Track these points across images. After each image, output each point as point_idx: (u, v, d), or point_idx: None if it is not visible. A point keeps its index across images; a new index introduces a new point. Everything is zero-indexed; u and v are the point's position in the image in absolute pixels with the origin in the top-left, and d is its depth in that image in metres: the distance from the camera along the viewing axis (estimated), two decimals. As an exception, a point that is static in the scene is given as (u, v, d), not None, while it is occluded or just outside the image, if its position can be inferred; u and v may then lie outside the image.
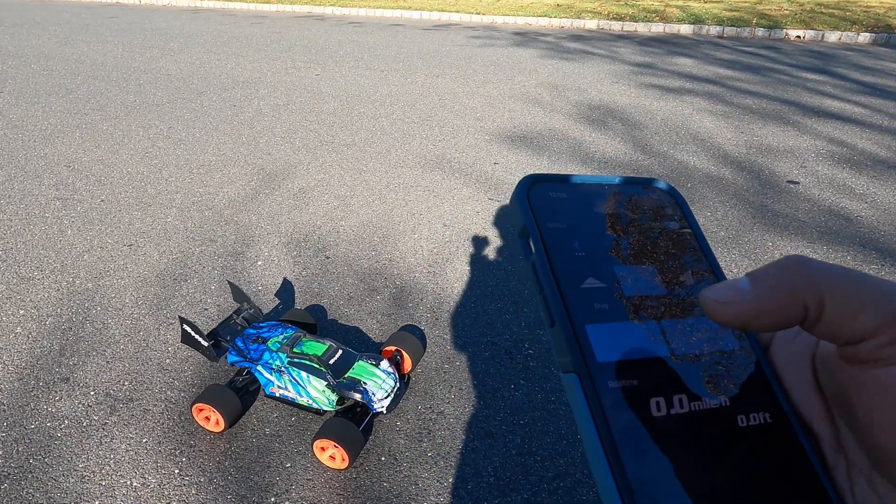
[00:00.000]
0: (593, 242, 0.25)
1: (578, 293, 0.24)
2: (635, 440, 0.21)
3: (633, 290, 0.25)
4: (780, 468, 0.22)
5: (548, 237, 0.25)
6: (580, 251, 0.25)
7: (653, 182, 0.29)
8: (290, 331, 1.83)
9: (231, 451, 1.67)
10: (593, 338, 0.23)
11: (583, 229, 0.26)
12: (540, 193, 0.26)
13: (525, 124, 4.23)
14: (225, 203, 3.07)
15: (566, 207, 0.26)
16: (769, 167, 3.54)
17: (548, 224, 0.25)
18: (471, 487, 1.58)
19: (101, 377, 1.93)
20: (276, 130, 4.05)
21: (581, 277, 0.24)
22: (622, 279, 0.25)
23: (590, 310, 0.24)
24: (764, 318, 0.20)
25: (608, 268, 0.25)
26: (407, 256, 2.62)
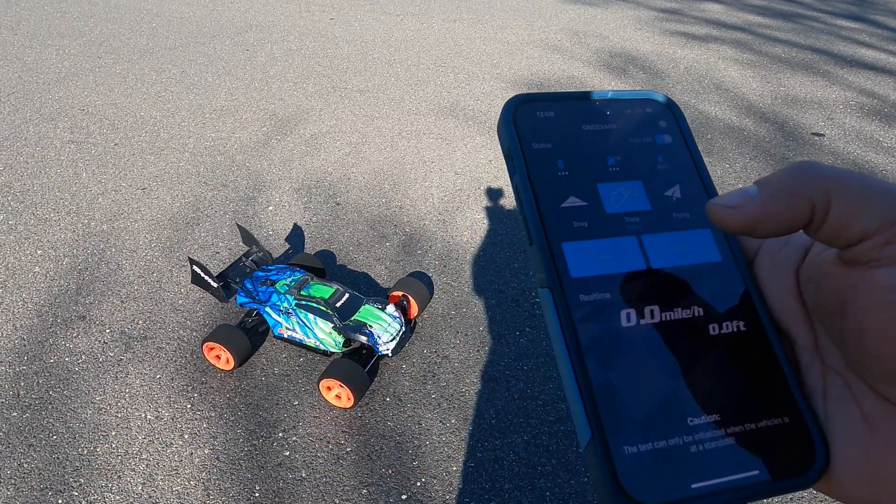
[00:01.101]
0: (578, 161, 0.25)
1: (558, 212, 0.24)
2: (603, 350, 0.22)
3: (615, 207, 0.25)
4: (749, 375, 0.22)
5: (531, 158, 0.25)
6: (564, 170, 0.25)
7: (648, 94, 0.28)
8: (299, 274, 1.85)
9: (241, 389, 1.73)
10: (569, 255, 0.23)
11: (569, 148, 0.25)
12: (527, 114, 0.26)
13: (543, 72, 4.12)
14: (237, 148, 3.06)
15: (553, 127, 0.26)
16: (794, 119, 3.42)
17: (532, 145, 0.25)
18: (472, 429, 1.61)
19: (116, 316, 1.98)
20: (288, 76, 3.99)
21: (562, 197, 0.24)
22: (605, 197, 0.25)
23: (568, 228, 0.24)
24: (772, 220, 0.20)
25: (591, 186, 0.25)
26: (417, 204, 2.61)
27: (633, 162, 0.26)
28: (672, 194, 0.26)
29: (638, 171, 0.26)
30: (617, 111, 0.27)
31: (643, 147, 0.26)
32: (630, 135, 0.27)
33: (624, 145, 0.26)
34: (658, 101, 0.28)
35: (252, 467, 1.51)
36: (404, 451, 1.55)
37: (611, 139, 0.26)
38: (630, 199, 0.25)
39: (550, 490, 1.46)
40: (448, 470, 1.51)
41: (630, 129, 0.27)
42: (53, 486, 1.46)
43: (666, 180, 0.26)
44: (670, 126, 0.27)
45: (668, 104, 0.28)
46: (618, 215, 0.25)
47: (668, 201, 0.25)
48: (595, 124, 0.26)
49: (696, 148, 0.27)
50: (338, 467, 1.51)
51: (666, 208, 0.25)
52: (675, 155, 0.27)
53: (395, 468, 1.51)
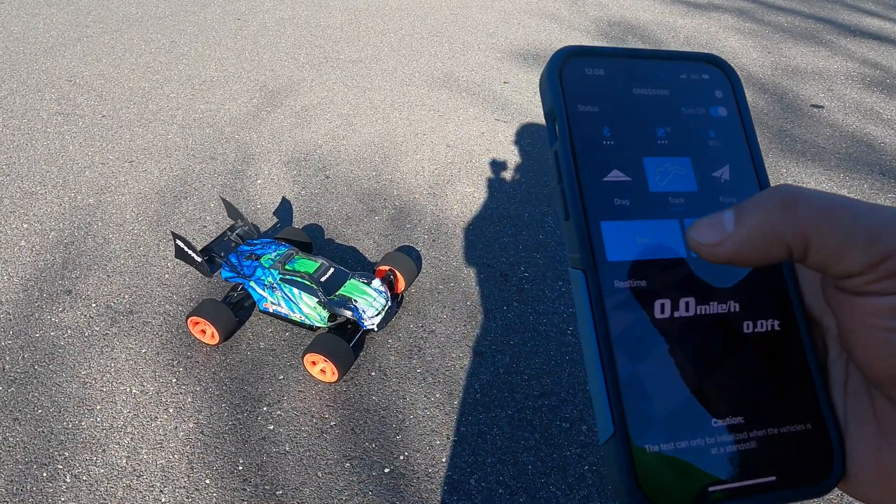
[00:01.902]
0: (626, 129, 0.23)
1: (600, 187, 0.22)
2: (633, 341, 0.21)
3: (660, 185, 0.23)
4: (778, 377, 0.22)
5: (575, 122, 0.23)
6: (609, 139, 0.23)
7: (708, 58, 0.25)
8: (283, 248, 1.84)
9: (226, 363, 1.72)
10: (607, 235, 0.22)
11: (617, 113, 0.23)
12: (574, 70, 0.23)
13: (539, 41, 4.04)
14: (226, 120, 3.02)
15: (602, 87, 0.24)
16: (794, 90, 3.36)
17: (578, 107, 0.23)
18: (457, 403, 1.61)
19: (102, 290, 1.97)
20: (280, 46, 3.92)
21: (605, 169, 0.23)
22: (650, 173, 0.23)
23: (609, 205, 0.22)
24: (748, 260, 0.20)
25: (637, 159, 0.23)
26: (408, 177, 2.58)
27: (683, 135, 0.24)
28: (720, 175, 0.24)
29: (687, 146, 0.24)
30: (672, 74, 0.25)
31: (696, 119, 0.24)
32: (683, 104, 0.24)
33: (675, 115, 0.24)
34: (717, 68, 0.25)
35: (236, 441, 1.52)
36: (388, 424, 1.56)
37: (662, 107, 0.24)
38: (676, 177, 0.23)
39: (533, 464, 1.47)
40: (431, 444, 1.51)
41: (684, 97, 0.24)
42: (38, 460, 1.47)
43: (716, 159, 0.24)
44: (727, 97, 0.25)
45: (728, 72, 0.25)
46: (662, 195, 0.23)
47: (716, 183, 0.24)
48: (647, 88, 0.24)
49: (752, 124, 0.25)
50: (321, 441, 1.52)
51: (713, 190, 0.24)
52: (729, 131, 0.25)
53: (378, 442, 1.51)
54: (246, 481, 1.43)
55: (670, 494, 0.20)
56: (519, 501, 1.39)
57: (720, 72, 0.25)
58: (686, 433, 0.21)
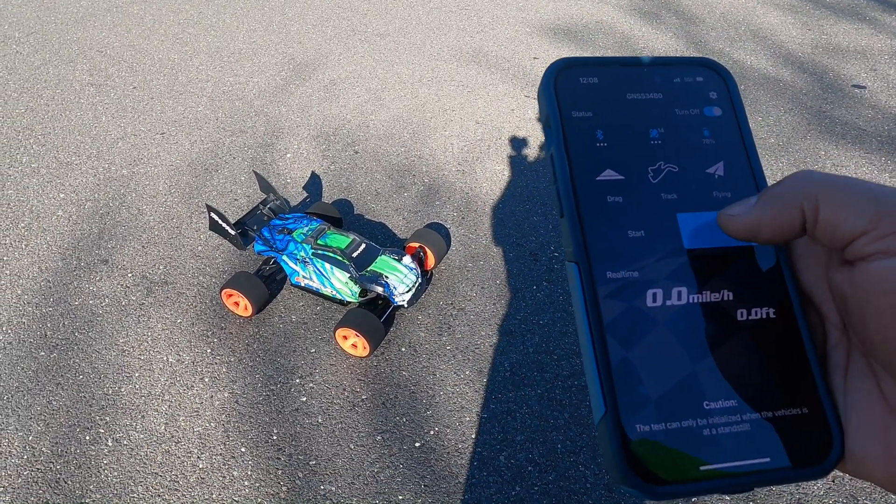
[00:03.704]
0: (619, 132, 0.24)
1: (593, 185, 0.24)
2: (625, 329, 0.22)
3: (653, 182, 0.24)
4: (773, 362, 0.22)
5: (570, 127, 0.24)
6: (603, 141, 0.24)
7: (702, 62, 0.26)
8: (315, 223, 1.85)
9: (259, 335, 1.75)
10: (600, 229, 0.23)
11: (610, 118, 0.25)
12: (569, 79, 0.25)
13: (570, 15, 3.95)
14: (255, 93, 3.02)
15: (596, 94, 0.25)
16: (834, 69, 3.25)
17: (572, 113, 0.24)
18: (486, 381, 1.63)
19: (138, 260, 2.01)
20: (307, 18, 3.89)
21: (598, 169, 0.24)
22: (643, 172, 0.24)
23: (601, 203, 0.23)
24: (767, 226, 0.22)
25: (630, 159, 0.24)
26: (437, 153, 2.57)
27: (676, 135, 0.25)
28: (714, 172, 0.25)
29: (681, 145, 0.25)
30: (665, 79, 0.26)
31: (689, 120, 0.25)
32: (676, 105, 0.25)
33: (669, 117, 0.25)
34: (711, 70, 0.26)
35: (270, 411, 1.55)
36: (418, 400, 1.58)
37: (656, 109, 0.25)
38: (669, 175, 0.24)
39: (562, 443, 1.48)
40: (461, 420, 1.53)
41: (677, 99, 0.25)
42: (81, 424, 1.52)
43: (709, 157, 0.25)
44: (721, 98, 0.26)
45: (721, 73, 0.26)
46: (655, 192, 0.24)
47: (710, 179, 0.25)
48: (640, 93, 0.25)
49: (747, 122, 0.26)
50: (353, 414, 1.54)
51: (706, 187, 0.24)
52: (723, 130, 0.25)
53: (409, 416, 1.54)
54: (280, 451, 1.47)
55: (662, 473, 0.20)
56: (548, 479, 1.40)
57: (714, 74, 0.26)
58: (678, 414, 0.21)
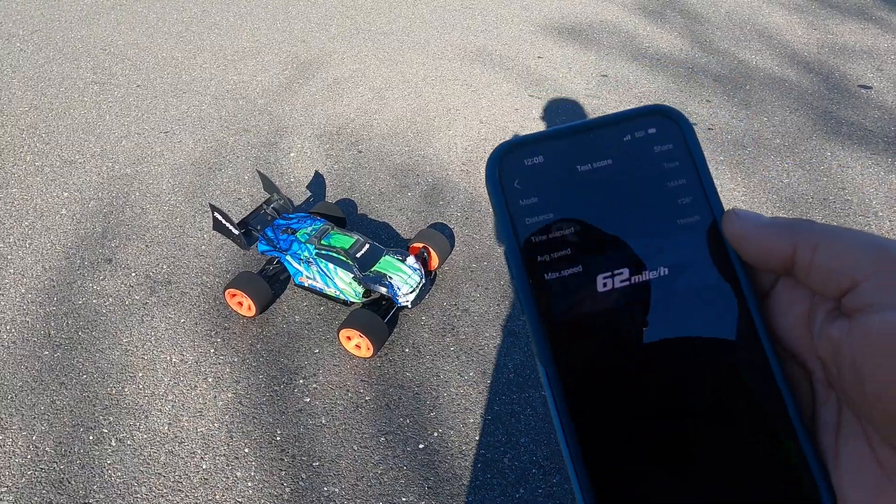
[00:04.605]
0: (571, 214, 0.23)
1: (550, 283, 0.23)
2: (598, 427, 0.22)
3: (611, 268, 0.23)
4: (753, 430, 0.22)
5: (518, 219, 0.23)
6: (556, 229, 0.23)
7: (651, 111, 0.24)
8: (319, 223, 1.84)
9: (263, 335, 1.75)
10: (563, 331, 0.22)
11: (560, 200, 0.23)
12: (513, 164, 0.24)
13: (575, 14, 3.93)
14: (259, 92, 3.01)
15: (542, 174, 0.23)
16: (840, 69, 3.24)
17: (520, 202, 0.23)
18: (490, 382, 1.62)
19: (142, 259, 2.01)
20: (311, 16, 3.88)
21: (554, 264, 0.23)
22: (600, 258, 0.23)
23: (561, 301, 0.23)
24: (756, 245, 0.22)
25: (586, 243, 0.23)
26: (441, 153, 2.56)
27: (634, 203, 0.23)
28: (677, 238, 0.23)
29: (639, 212, 0.23)
30: (615, 140, 0.24)
31: (645, 180, 0.24)
32: (628, 167, 0.24)
33: (622, 181, 0.24)
34: (663, 117, 0.24)
35: (273, 412, 1.55)
36: (422, 401, 1.57)
37: (608, 178, 0.24)
38: (629, 252, 0.23)
39: (566, 445, 1.47)
40: (465, 421, 1.52)
41: (628, 160, 0.24)
42: (84, 423, 1.52)
43: (670, 218, 0.23)
44: (677, 147, 0.24)
45: (675, 118, 0.24)
46: (613, 280, 0.23)
47: (673, 248, 0.23)
48: (590, 162, 0.24)
49: (707, 172, 0.24)
50: (357, 415, 1.54)
51: (669, 257, 0.23)
52: (681, 180, 0.24)
53: (412, 418, 1.53)
54: (283, 451, 1.46)
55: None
56: (552, 482, 1.40)
57: (667, 120, 0.24)
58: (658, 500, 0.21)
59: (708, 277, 0.23)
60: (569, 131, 0.24)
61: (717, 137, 2.66)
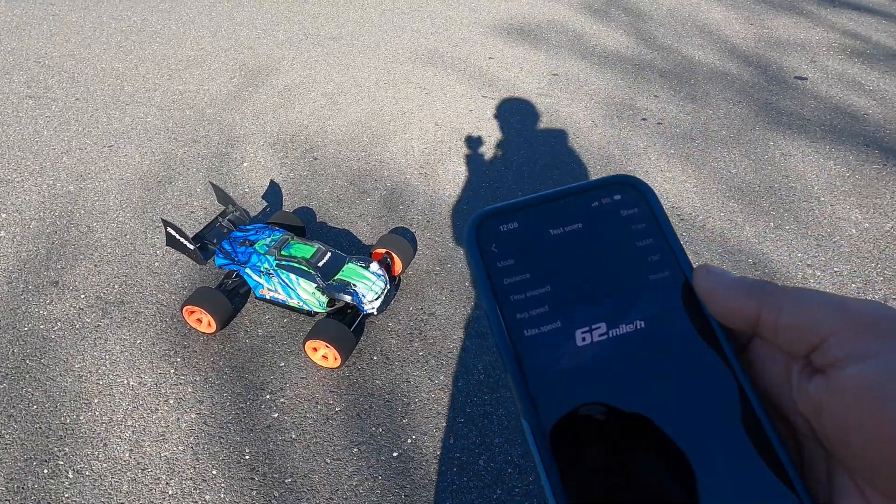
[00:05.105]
0: (547, 275, 0.24)
1: (531, 340, 0.23)
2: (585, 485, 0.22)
3: (589, 324, 0.24)
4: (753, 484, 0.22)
5: (497, 280, 0.24)
6: (533, 289, 0.24)
7: (616, 180, 0.26)
8: (278, 233, 1.80)
9: (225, 352, 1.70)
10: (545, 388, 0.23)
11: (536, 262, 0.24)
12: (490, 230, 0.25)
13: (522, 15, 3.98)
14: (207, 101, 2.93)
15: (517, 238, 0.25)
16: (777, 62, 3.38)
17: (498, 264, 0.24)
18: (461, 384, 1.62)
19: (91, 280, 1.92)
20: (257, 22, 3.80)
21: (534, 322, 0.23)
22: (578, 316, 0.24)
23: (543, 358, 0.23)
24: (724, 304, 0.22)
25: (563, 303, 0.24)
26: (398, 157, 2.55)
27: (605, 261, 0.25)
28: (650, 293, 0.24)
29: (612, 270, 0.24)
30: (583, 206, 0.25)
31: (614, 240, 0.25)
32: (597, 230, 0.25)
33: (593, 242, 0.25)
34: (628, 185, 0.26)
35: (241, 430, 1.50)
36: (394, 409, 1.55)
37: (579, 240, 0.25)
38: (605, 307, 0.24)
39: (540, 442, 1.48)
40: (438, 426, 1.51)
41: (597, 224, 0.25)
42: (38, 457, 1.44)
43: (641, 274, 0.24)
44: (642, 212, 0.26)
45: (639, 187, 0.26)
46: (591, 334, 0.23)
47: (648, 302, 0.24)
48: (561, 226, 0.25)
49: (673, 234, 0.25)
50: (328, 427, 1.51)
51: (644, 311, 0.24)
52: (649, 241, 0.25)
53: (385, 426, 1.51)
54: (254, 470, 1.42)
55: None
56: (528, 480, 1.40)
57: (631, 188, 0.26)
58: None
59: (685, 329, 0.24)
60: (540, 200, 0.25)
61: (667, 131, 2.74)
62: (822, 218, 2.22)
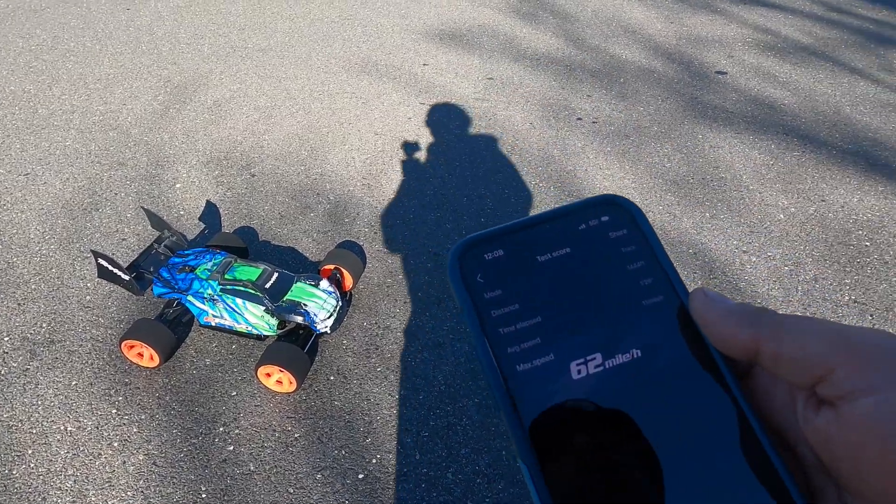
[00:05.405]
0: (537, 304, 0.23)
1: (523, 375, 0.22)
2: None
3: (583, 357, 0.22)
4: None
5: (485, 312, 0.23)
6: (523, 319, 0.23)
7: (602, 201, 0.25)
8: (220, 256, 1.73)
9: (171, 386, 1.61)
10: (541, 426, 0.21)
11: (524, 291, 0.23)
12: (474, 259, 0.24)
13: (453, 20, 4.00)
14: (131, 121, 2.78)
15: (503, 267, 0.24)
16: (699, 58, 3.53)
17: (485, 295, 0.23)
18: (423, 398, 1.59)
19: (15, 321, 1.78)
20: (179, 36, 3.65)
21: (525, 355, 0.22)
22: (571, 348, 0.22)
23: (536, 394, 0.22)
24: (721, 331, 0.22)
25: (555, 333, 0.23)
26: (339, 169, 2.50)
27: (596, 286, 0.24)
28: (645, 320, 0.23)
29: (604, 296, 0.23)
30: (569, 229, 0.24)
31: (604, 264, 0.24)
32: (587, 254, 0.24)
33: (583, 268, 0.24)
34: (614, 206, 0.25)
35: (195, 468, 1.42)
36: (355, 429, 1.51)
37: (568, 266, 0.24)
38: (599, 336, 0.23)
39: (506, 449, 1.47)
40: (403, 443, 1.48)
41: (586, 247, 0.24)
42: (-34, 520, 1.32)
43: (635, 300, 0.23)
44: (631, 232, 0.25)
45: (626, 206, 0.25)
46: (587, 366, 0.22)
47: (643, 330, 0.23)
48: (549, 251, 0.24)
49: (663, 251, 0.24)
50: (287, 455, 1.45)
51: (640, 339, 0.23)
52: (639, 262, 0.24)
53: (348, 448, 1.47)
54: (212, 509, 1.35)
55: None
56: (498, 489, 1.39)
57: (617, 208, 0.25)
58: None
59: (683, 357, 0.23)
60: (523, 225, 0.24)
61: (603, 130, 2.81)
62: (752, 205, 2.33)
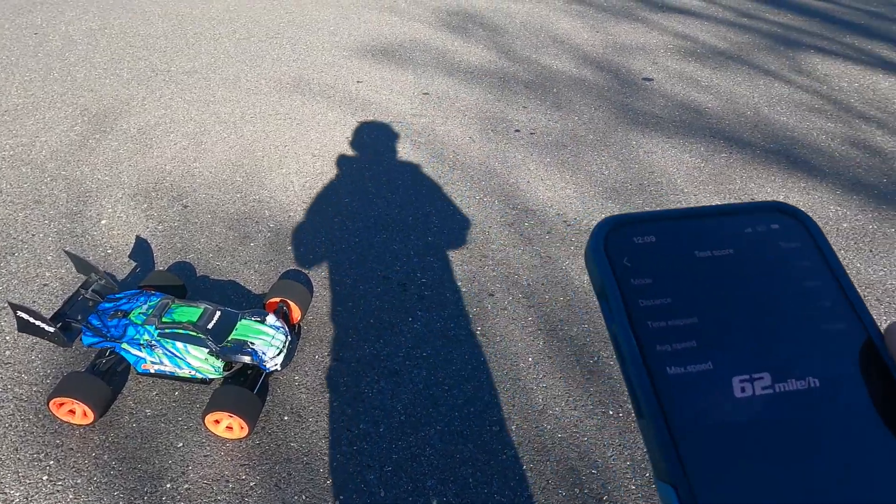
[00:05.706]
0: (693, 302, 0.21)
1: (673, 379, 0.19)
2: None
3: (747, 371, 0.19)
4: None
5: (632, 300, 0.20)
6: (675, 317, 0.20)
7: (773, 206, 0.23)
8: (156, 298, 1.62)
9: (109, 443, 1.49)
10: (694, 444, 0.18)
11: (679, 285, 0.21)
12: (621, 240, 0.22)
13: (383, 36, 3.97)
14: (46, 154, 2.60)
15: (657, 255, 0.21)
16: (625, 65, 3.65)
17: (631, 281, 0.21)
18: (383, 430, 1.54)
19: (-78, 386, 1.60)
20: (95, 61, 3.45)
21: (677, 355, 0.20)
22: (733, 355, 0.20)
23: (689, 404, 0.19)
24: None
25: (714, 337, 0.20)
26: (277, 194, 2.41)
27: (765, 298, 0.21)
28: (823, 346, 0.20)
29: (774, 310, 0.21)
30: (735, 230, 0.22)
31: (775, 276, 0.21)
32: (755, 262, 0.21)
33: (748, 275, 0.21)
34: (786, 215, 0.22)
35: (141, 532, 1.32)
36: (315, 471, 1.44)
37: (731, 269, 0.21)
38: (769, 355, 0.20)
39: (472, 476, 1.44)
40: (366, 480, 1.43)
41: (755, 254, 0.21)
42: None
43: (811, 322, 0.21)
44: (805, 246, 0.22)
45: (800, 217, 0.22)
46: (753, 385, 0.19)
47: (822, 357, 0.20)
48: (709, 249, 0.21)
49: (841, 268, 0.22)
50: (243, 507, 1.37)
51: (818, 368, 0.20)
52: (821, 289, 0.21)
53: (308, 492, 1.40)
54: (163, 576, 1.25)
55: None
56: (468, 519, 1.36)
57: (790, 218, 0.23)
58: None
59: (870, 400, 0.20)
60: (681, 215, 0.22)
61: (540, 140, 2.84)
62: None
